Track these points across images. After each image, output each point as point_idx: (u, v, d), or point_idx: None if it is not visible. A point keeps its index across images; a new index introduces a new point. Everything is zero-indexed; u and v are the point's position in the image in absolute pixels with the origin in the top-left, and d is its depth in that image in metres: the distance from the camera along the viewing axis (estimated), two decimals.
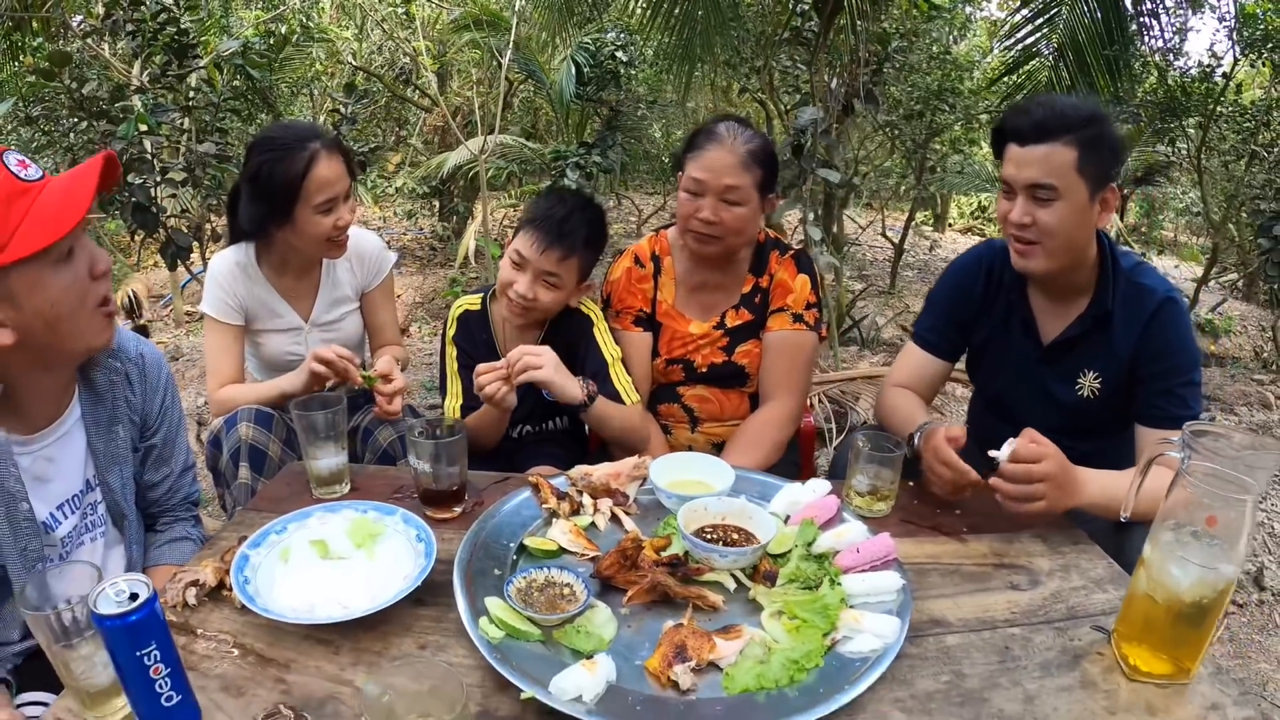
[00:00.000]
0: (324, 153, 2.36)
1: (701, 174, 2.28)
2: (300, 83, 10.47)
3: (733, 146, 2.28)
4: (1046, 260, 1.99)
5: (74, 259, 1.49)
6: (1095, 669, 1.40)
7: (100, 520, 1.78)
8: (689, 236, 2.37)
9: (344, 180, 2.42)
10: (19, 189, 1.40)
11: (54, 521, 1.67)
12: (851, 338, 6.73)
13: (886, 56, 6.34)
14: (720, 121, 2.37)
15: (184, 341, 6.93)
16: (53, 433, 1.67)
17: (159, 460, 1.90)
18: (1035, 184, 1.93)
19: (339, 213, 2.42)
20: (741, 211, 2.30)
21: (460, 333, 2.45)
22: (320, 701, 1.30)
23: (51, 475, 1.68)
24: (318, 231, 2.41)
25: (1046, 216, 1.93)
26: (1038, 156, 1.91)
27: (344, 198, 2.44)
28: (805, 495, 1.83)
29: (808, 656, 1.35)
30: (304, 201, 2.36)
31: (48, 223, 1.41)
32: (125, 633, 1.14)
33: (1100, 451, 2.01)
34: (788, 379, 2.46)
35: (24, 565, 1.59)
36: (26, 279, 1.42)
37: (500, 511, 1.77)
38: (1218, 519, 1.30)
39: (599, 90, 8.02)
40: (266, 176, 2.34)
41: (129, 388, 1.79)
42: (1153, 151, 8.86)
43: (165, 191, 5.22)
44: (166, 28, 5.10)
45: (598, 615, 1.46)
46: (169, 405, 1.90)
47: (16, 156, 1.44)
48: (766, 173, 2.32)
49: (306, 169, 2.33)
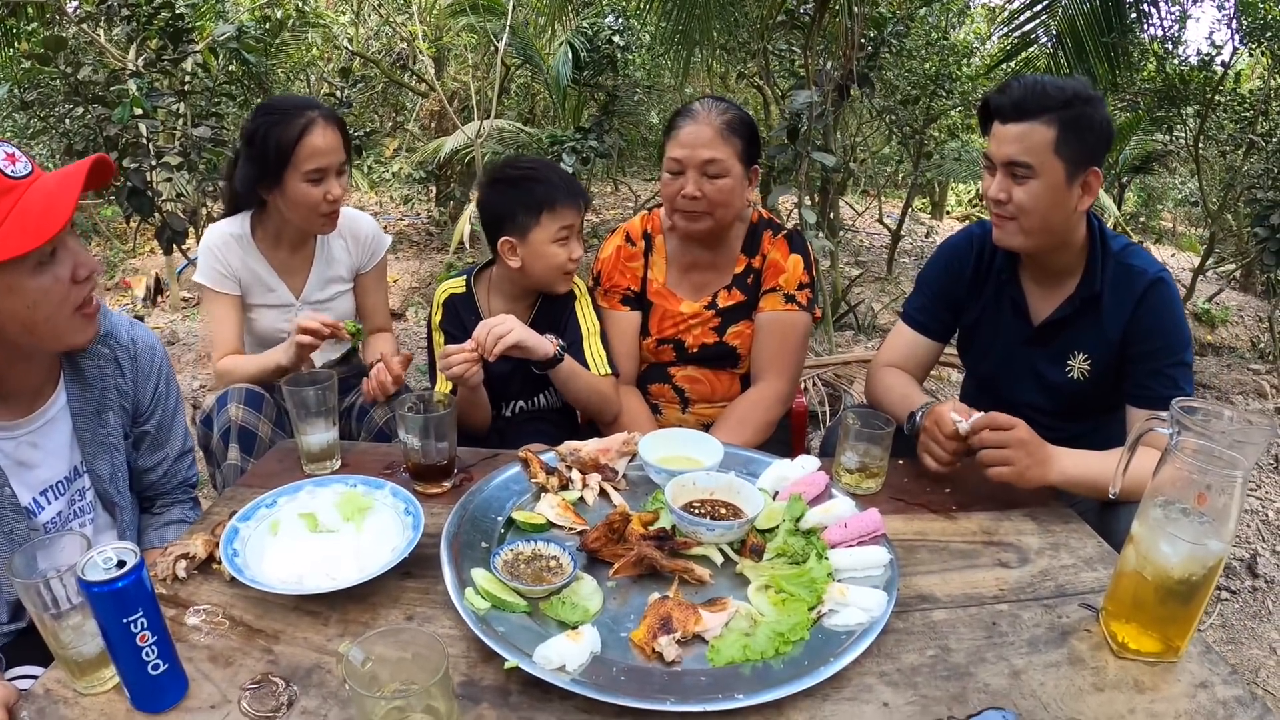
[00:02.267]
0: (320, 122, 2.37)
1: (679, 152, 2.29)
2: (296, 68, 10.42)
3: (708, 119, 2.28)
4: (1023, 237, 2.00)
5: (56, 261, 1.47)
6: (1083, 646, 1.40)
7: (89, 506, 1.78)
8: (676, 216, 2.37)
9: (337, 153, 2.42)
10: (3, 186, 1.38)
11: (37, 507, 1.67)
12: (847, 323, 6.72)
13: (882, 41, 6.32)
14: (696, 101, 2.38)
15: (180, 326, 6.92)
16: (37, 419, 1.66)
17: (154, 445, 1.89)
18: (1011, 161, 1.93)
19: (329, 184, 2.42)
20: (725, 183, 2.29)
21: (447, 318, 2.44)
22: (307, 671, 1.30)
23: (35, 461, 1.67)
24: (307, 200, 2.40)
25: (1021, 194, 1.94)
26: (1015, 134, 1.92)
27: (336, 172, 2.43)
28: (793, 471, 1.83)
29: (793, 629, 1.35)
30: (294, 166, 2.36)
31: (29, 227, 1.38)
32: (112, 599, 1.14)
33: (1090, 433, 2.01)
34: (778, 359, 2.45)
35: (8, 548, 1.58)
36: (3, 281, 1.41)
37: (489, 486, 1.77)
38: (1207, 496, 1.30)
39: (596, 75, 7.99)
40: (262, 138, 2.36)
41: (119, 374, 1.78)
42: (1150, 140, 8.85)
43: (161, 176, 5.21)
44: (161, 12, 5.08)
45: (583, 587, 1.46)
46: (163, 390, 1.88)
47: (5, 150, 1.42)
48: (746, 143, 2.32)
49: (300, 134, 2.34)
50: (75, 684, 1.27)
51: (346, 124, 2.51)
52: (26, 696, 1.26)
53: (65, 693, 1.26)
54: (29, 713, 1.23)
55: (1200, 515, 1.30)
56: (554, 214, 2.25)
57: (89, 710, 1.24)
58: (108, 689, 1.27)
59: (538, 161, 2.36)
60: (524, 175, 2.30)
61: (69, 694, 1.26)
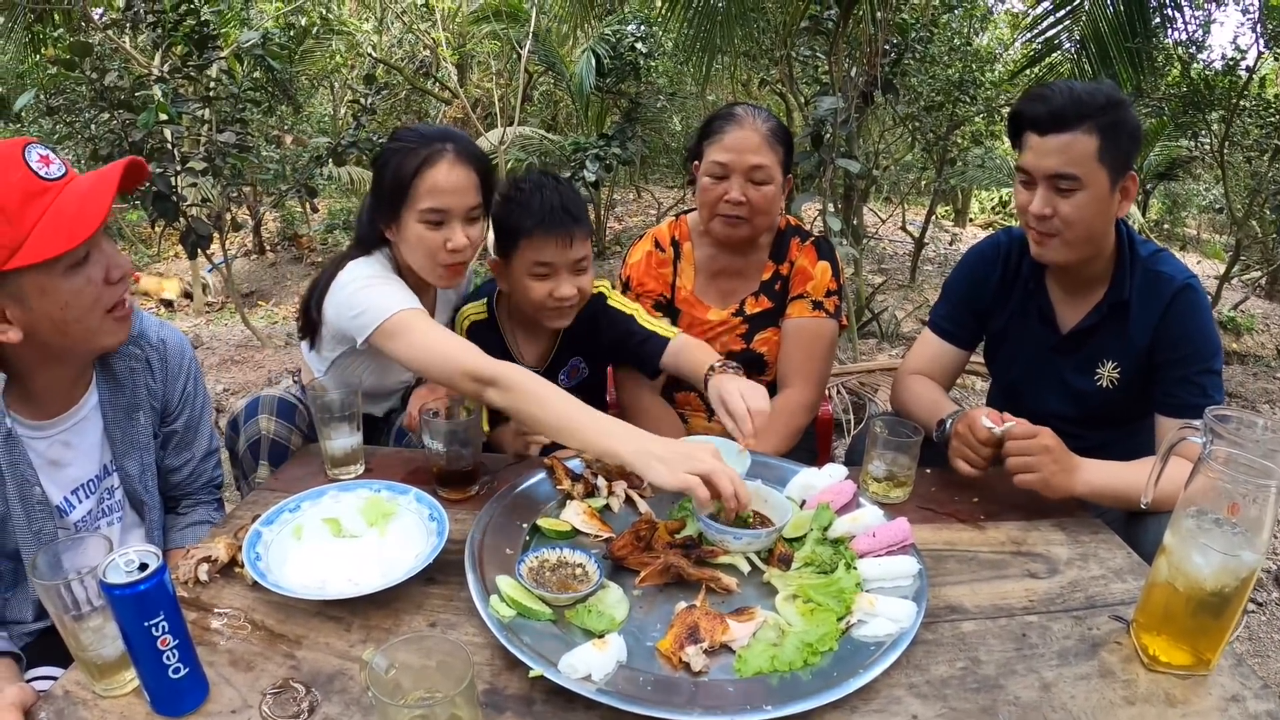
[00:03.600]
0: (449, 156, 2.03)
1: (725, 156, 2.28)
2: (320, 75, 10.52)
3: (755, 125, 2.28)
4: (1066, 250, 1.97)
5: (89, 263, 1.47)
6: (1114, 658, 1.38)
7: (118, 505, 1.79)
8: (716, 221, 2.36)
9: (465, 195, 2.05)
10: (38, 188, 1.39)
11: (68, 506, 1.68)
12: (871, 331, 6.71)
13: (906, 47, 6.30)
14: (735, 105, 2.37)
15: (204, 330, 6.98)
16: (69, 419, 1.67)
17: (181, 445, 1.91)
18: (1057, 174, 1.89)
19: (451, 230, 2.05)
20: (769, 190, 2.30)
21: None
22: (329, 677, 1.30)
23: (67, 460, 1.68)
24: (423, 244, 2.05)
25: (1068, 207, 1.90)
26: (1058, 145, 1.87)
27: (465, 218, 2.07)
28: (821, 480, 1.82)
29: (822, 640, 1.34)
30: (411, 203, 2.03)
31: (62, 229, 1.40)
32: (133, 602, 1.14)
33: (1115, 442, 2.00)
34: (805, 366, 2.44)
35: (38, 547, 1.60)
36: (36, 283, 1.42)
37: (514, 492, 1.77)
38: (1240, 506, 1.28)
39: (619, 82, 8.02)
40: (383, 165, 2.09)
41: (149, 374, 1.79)
42: (1175, 146, 8.80)
43: (185, 181, 5.25)
44: (186, 19, 5.13)
45: (609, 595, 1.45)
46: (191, 391, 1.90)
47: (40, 151, 1.43)
48: (786, 152, 2.33)
49: (421, 166, 2.01)
50: (95, 686, 1.27)
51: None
52: (45, 697, 1.27)
53: (84, 695, 1.27)
54: (48, 714, 1.24)
55: (1233, 526, 1.29)
56: (530, 243, 2.07)
57: (108, 713, 1.24)
58: (127, 692, 1.27)
59: (544, 181, 2.14)
60: (516, 193, 2.13)
61: (88, 696, 1.27)
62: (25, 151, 1.41)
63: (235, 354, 6.24)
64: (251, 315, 6.92)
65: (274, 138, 8.27)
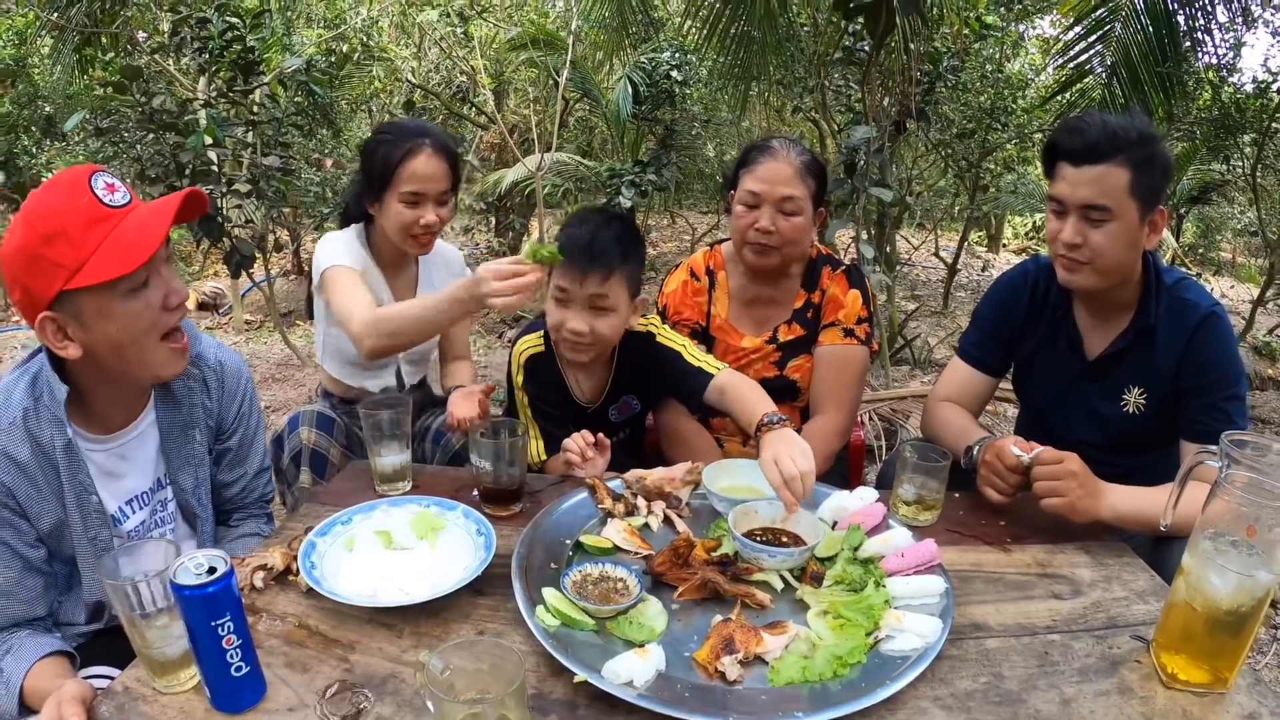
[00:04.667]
0: (428, 148, 2.47)
1: (758, 186, 2.35)
2: (360, 99, 10.67)
3: (788, 158, 2.35)
4: (1094, 278, 2.01)
5: (148, 287, 1.56)
6: (1133, 676, 1.43)
7: (170, 517, 1.88)
8: (747, 249, 2.43)
9: (438, 182, 2.50)
10: (101, 214, 1.49)
11: (122, 515, 1.78)
12: (903, 357, 6.71)
13: (938, 75, 6.34)
14: (771, 138, 2.44)
15: (244, 348, 7.10)
16: (127, 434, 1.77)
17: (234, 462, 1.99)
18: (1089, 205, 1.94)
19: (425, 210, 2.49)
20: (798, 221, 2.37)
21: (529, 381, 2.35)
22: (382, 680, 1.37)
23: (123, 472, 1.78)
24: (400, 220, 2.48)
25: (1099, 238, 1.95)
26: (1092, 177, 1.93)
27: (435, 200, 2.51)
28: (853, 503, 1.88)
29: (851, 653, 1.40)
30: (394, 186, 2.46)
31: (120, 254, 1.49)
32: (202, 603, 1.23)
33: (1144, 469, 2.02)
34: (836, 392, 2.50)
35: (93, 553, 1.70)
36: (96, 304, 1.51)
37: (558, 510, 1.85)
38: (1257, 529, 1.32)
39: (654, 109, 8.09)
40: (370, 154, 2.51)
41: (206, 394, 1.88)
42: (1208, 169, 8.74)
43: (230, 203, 5.37)
44: (233, 45, 5.26)
45: (649, 608, 1.52)
46: (246, 411, 1.98)
47: (105, 179, 1.52)
48: (819, 185, 2.40)
49: (404, 156, 2.44)
50: (155, 683, 1.35)
51: (456, 158, 2.57)
52: (106, 693, 1.35)
53: (144, 690, 1.35)
54: (109, 708, 1.31)
55: (1250, 547, 1.33)
56: (558, 269, 2.16)
57: (168, 708, 1.32)
58: (186, 689, 1.35)
59: (592, 218, 2.21)
60: (570, 221, 2.23)
61: (148, 692, 1.35)
62: (92, 179, 1.50)
63: (276, 372, 6.35)
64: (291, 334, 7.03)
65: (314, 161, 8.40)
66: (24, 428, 1.59)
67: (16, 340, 6.90)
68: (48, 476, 1.63)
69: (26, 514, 1.62)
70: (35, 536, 1.65)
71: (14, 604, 1.63)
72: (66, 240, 1.47)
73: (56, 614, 1.74)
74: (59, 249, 1.47)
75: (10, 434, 1.58)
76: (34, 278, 1.49)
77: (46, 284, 1.48)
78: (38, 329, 1.53)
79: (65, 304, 1.51)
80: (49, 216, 1.47)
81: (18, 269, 1.50)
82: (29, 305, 1.52)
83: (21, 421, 1.59)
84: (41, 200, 1.50)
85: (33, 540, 1.65)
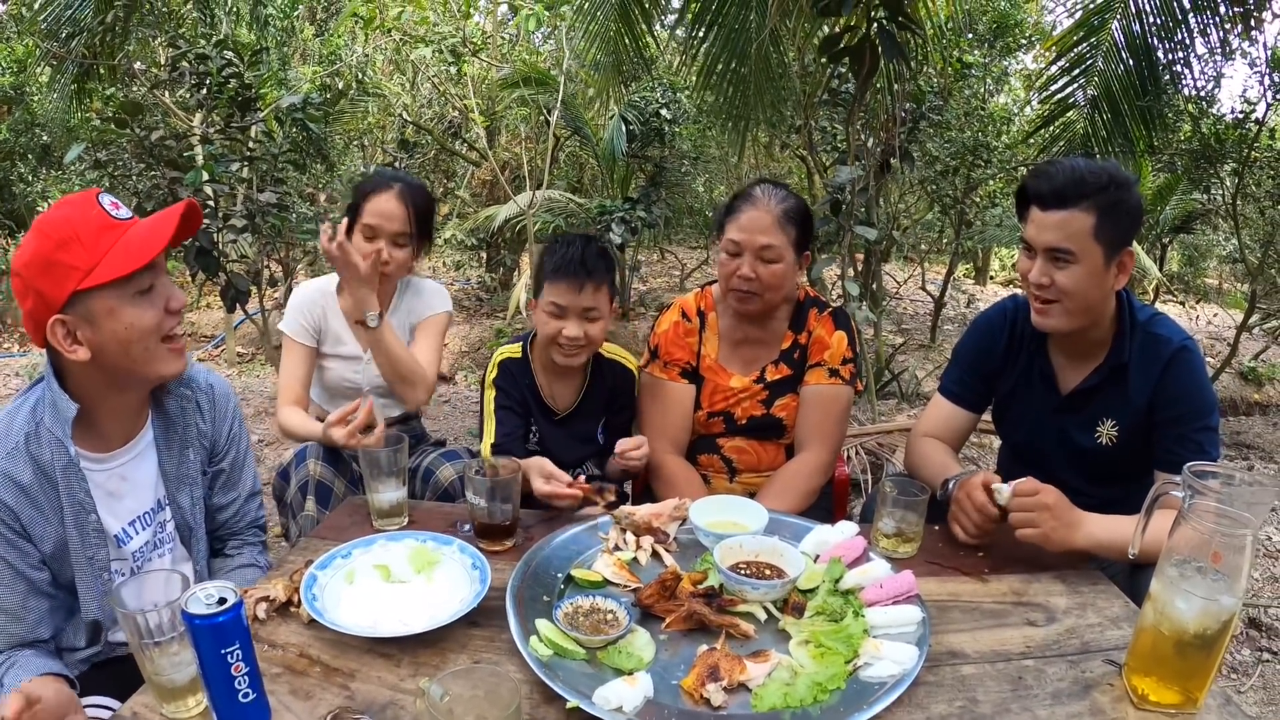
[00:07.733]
0: (395, 191, 2.72)
1: (739, 235, 2.43)
2: (353, 135, 10.76)
3: (768, 207, 2.42)
4: (1066, 319, 2.08)
5: (153, 292, 1.68)
6: (1105, 698, 1.48)
7: (169, 538, 1.95)
8: (731, 295, 2.50)
9: (395, 221, 2.71)
10: (110, 224, 1.62)
11: (126, 536, 1.84)
12: (891, 391, 6.78)
13: (921, 114, 6.44)
14: (757, 184, 2.51)
15: (237, 381, 7.14)
16: (127, 452, 1.84)
17: (227, 484, 2.07)
18: (1053, 248, 2.02)
19: (380, 244, 2.68)
20: (778, 268, 2.43)
21: (502, 377, 2.55)
22: (382, 707, 1.42)
23: (125, 492, 1.85)
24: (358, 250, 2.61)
25: (1064, 279, 2.02)
26: (1056, 221, 2.00)
27: (392, 239, 2.72)
28: (834, 536, 1.94)
29: (831, 679, 1.46)
30: (358, 219, 2.71)
31: (131, 253, 1.61)
32: (212, 632, 1.29)
33: (1122, 499, 2.06)
34: (820, 430, 2.56)
35: (92, 573, 1.76)
36: (106, 304, 1.62)
37: (550, 545, 1.91)
38: (1221, 555, 1.38)
39: (644, 147, 8.19)
40: (352, 193, 2.80)
41: (199, 415, 1.97)
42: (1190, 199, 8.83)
43: (226, 238, 5.43)
44: (231, 81, 5.33)
45: (638, 639, 1.58)
46: (237, 432, 2.07)
47: (110, 198, 1.66)
48: (800, 231, 2.45)
49: (371, 192, 2.72)
50: (163, 708, 1.40)
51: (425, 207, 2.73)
52: (114, 719, 1.41)
53: (152, 716, 1.40)
54: None
55: (1215, 573, 1.39)
56: (550, 285, 2.38)
57: None
58: (194, 714, 1.41)
59: (574, 239, 2.45)
60: (552, 244, 2.46)
61: (155, 718, 1.40)
62: (99, 197, 1.64)
63: (269, 405, 6.36)
64: None
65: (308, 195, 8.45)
66: (26, 451, 1.68)
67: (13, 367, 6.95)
68: (49, 497, 1.70)
69: (30, 536, 1.69)
70: (39, 559, 1.72)
71: (19, 625, 1.69)
72: (80, 244, 1.59)
73: (59, 640, 1.80)
74: (73, 252, 1.58)
75: (13, 458, 1.67)
76: (48, 282, 1.59)
77: (60, 286, 1.59)
78: (49, 333, 1.62)
79: (77, 305, 1.61)
80: (63, 225, 1.59)
81: (31, 275, 1.61)
82: (41, 310, 1.61)
83: (24, 445, 1.68)
84: (54, 214, 1.62)
85: (36, 562, 1.71)
